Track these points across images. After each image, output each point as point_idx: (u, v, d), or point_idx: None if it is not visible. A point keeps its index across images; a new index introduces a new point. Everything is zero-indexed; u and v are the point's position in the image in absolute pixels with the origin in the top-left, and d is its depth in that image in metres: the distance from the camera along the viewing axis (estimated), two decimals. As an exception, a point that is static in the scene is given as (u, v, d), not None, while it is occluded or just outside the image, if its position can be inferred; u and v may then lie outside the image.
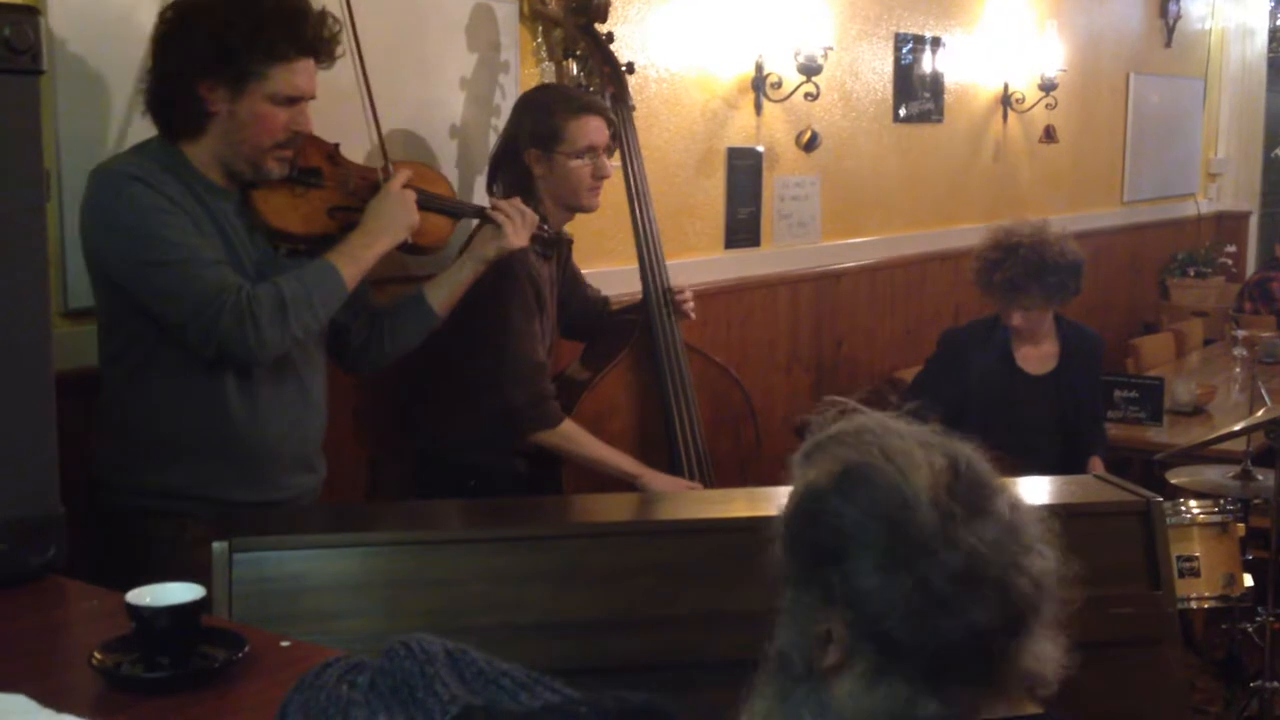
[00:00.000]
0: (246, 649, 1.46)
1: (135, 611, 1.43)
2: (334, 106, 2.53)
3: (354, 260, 2.33)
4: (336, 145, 2.46)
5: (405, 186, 2.41)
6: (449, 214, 2.57)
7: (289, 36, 2.23)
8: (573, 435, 2.85)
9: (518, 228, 2.56)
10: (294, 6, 2.26)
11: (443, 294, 2.58)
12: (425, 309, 2.57)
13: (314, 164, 2.38)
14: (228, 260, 2.24)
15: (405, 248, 2.45)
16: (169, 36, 2.23)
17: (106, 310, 2.30)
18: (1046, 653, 1.21)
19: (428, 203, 2.47)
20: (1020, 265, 3.76)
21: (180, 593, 1.46)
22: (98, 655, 1.43)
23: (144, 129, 2.42)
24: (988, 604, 1.17)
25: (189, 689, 1.41)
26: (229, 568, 1.99)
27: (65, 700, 1.36)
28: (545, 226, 2.68)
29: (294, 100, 2.26)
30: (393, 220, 2.38)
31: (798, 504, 1.25)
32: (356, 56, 2.49)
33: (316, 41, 2.28)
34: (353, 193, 2.41)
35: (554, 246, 2.80)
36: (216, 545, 2.00)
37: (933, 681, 1.17)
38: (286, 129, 2.27)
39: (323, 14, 2.31)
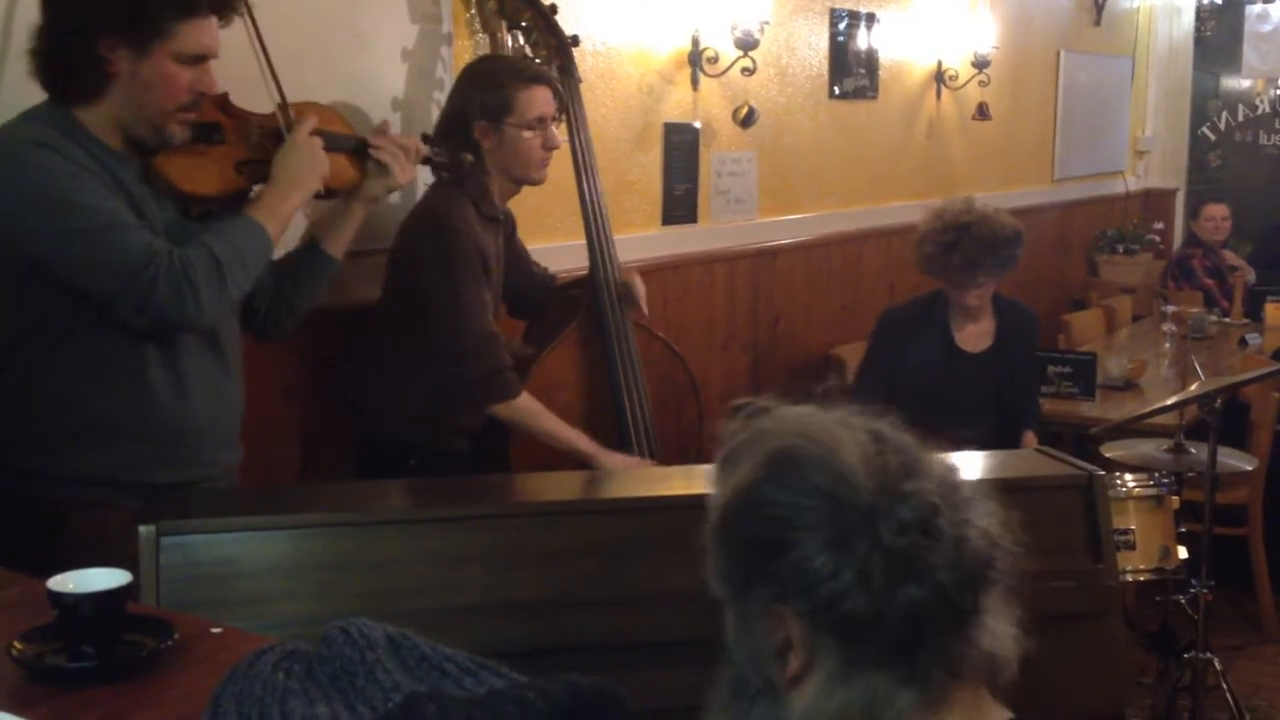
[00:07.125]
0: (176, 636, 1.42)
1: (57, 599, 1.39)
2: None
3: (274, 215, 2.24)
4: (225, 94, 2.32)
5: (311, 133, 2.31)
6: (354, 152, 2.45)
7: None
8: (529, 409, 2.81)
9: (404, 163, 2.47)
10: None
11: (336, 237, 2.48)
12: (324, 257, 2.48)
13: (211, 119, 2.26)
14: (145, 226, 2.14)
15: (317, 195, 2.35)
16: None
17: (9, 291, 2.14)
18: (1002, 629, 1.19)
19: (335, 144, 2.37)
20: (975, 243, 3.76)
21: (105, 579, 1.41)
22: (17, 645, 1.38)
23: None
24: (945, 555, 1.14)
25: (115, 679, 1.36)
26: (156, 551, 1.93)
27: (-17, 693, 1.31)
28: (436, 150, 2.57)
29: (200, 59, 2.16)
30: (303, 171, 2.29)
31: (726, 508, 1.21)
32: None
33: None
34: (256, 144, 2.30)
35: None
36: (143, 529, 1.94)
37: (904, 661, 1.14)
38: (191, 90, 2.16)
39: None
